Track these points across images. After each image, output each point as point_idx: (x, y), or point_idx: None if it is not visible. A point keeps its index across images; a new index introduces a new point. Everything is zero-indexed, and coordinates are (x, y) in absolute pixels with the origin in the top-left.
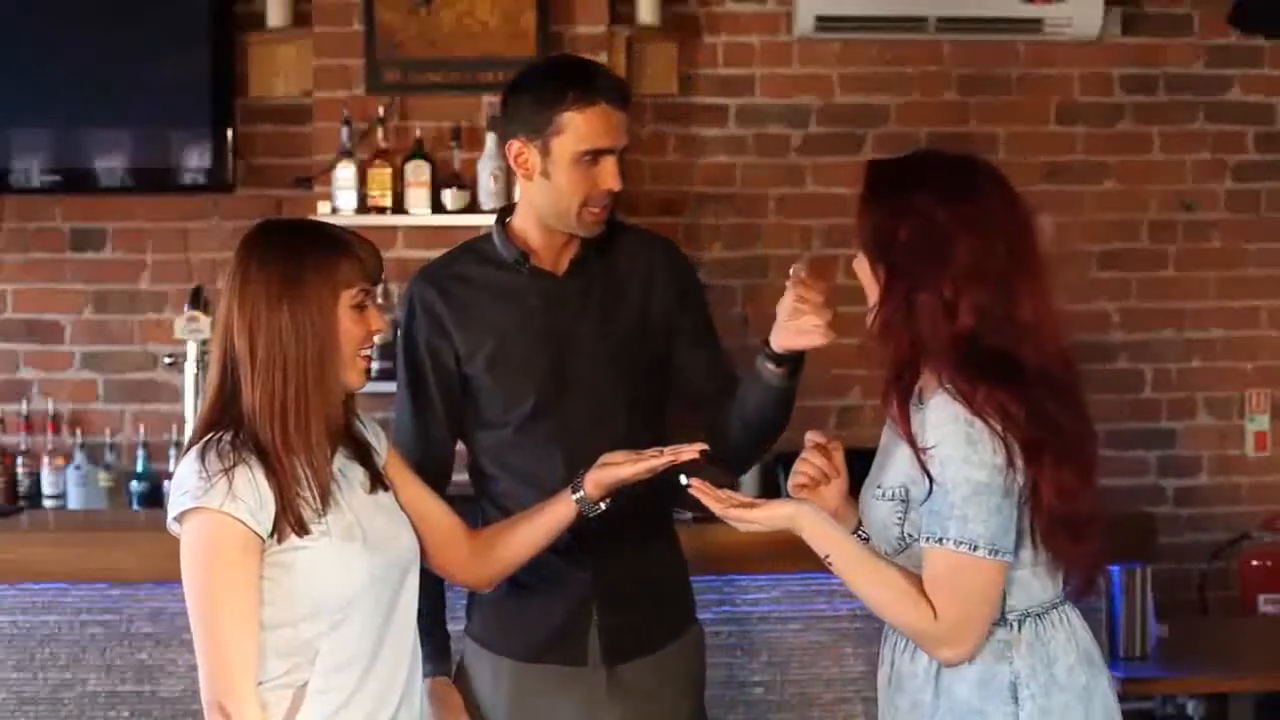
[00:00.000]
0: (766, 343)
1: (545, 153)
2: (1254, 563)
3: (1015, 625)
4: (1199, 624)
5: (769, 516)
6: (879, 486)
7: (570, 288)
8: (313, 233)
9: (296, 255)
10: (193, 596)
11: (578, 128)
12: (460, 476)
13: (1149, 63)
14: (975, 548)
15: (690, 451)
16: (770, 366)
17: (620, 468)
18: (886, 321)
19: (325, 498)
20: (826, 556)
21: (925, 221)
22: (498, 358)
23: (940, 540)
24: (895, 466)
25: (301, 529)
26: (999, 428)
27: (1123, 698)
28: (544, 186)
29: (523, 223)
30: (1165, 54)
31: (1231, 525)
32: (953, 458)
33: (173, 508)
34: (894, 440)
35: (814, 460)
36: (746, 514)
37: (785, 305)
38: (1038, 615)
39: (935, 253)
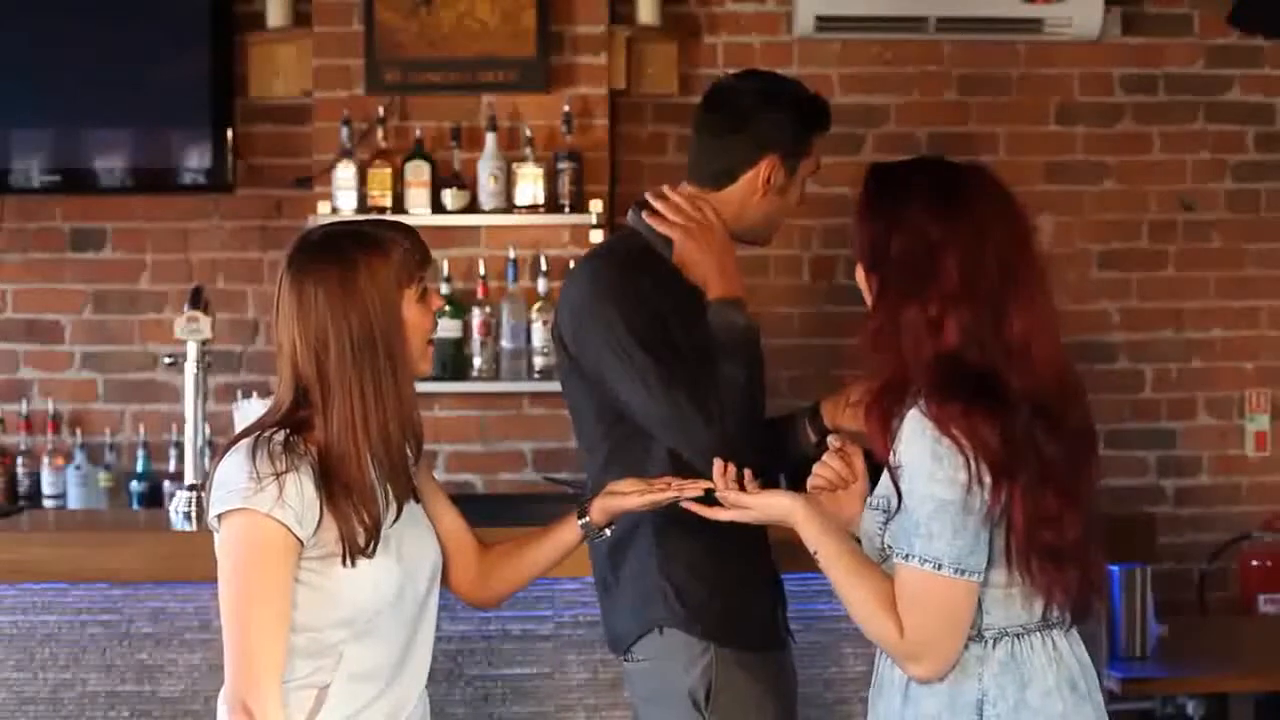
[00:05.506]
0: (816, 412)
1: (791, 171)
2: (1254, 563)
3: (990, 643)
4: (1199, 624)
5: (765, 505)
6: (872, 494)
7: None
8: (358, 239)
9: (351, 267)
10: (228, 595)
11: (817, 152)
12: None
13: (1149, 63)
14: (940, 566)
15: (695, 488)
16: (814, 437)
17: (627, 498)
18: (875, 334)
19: (402, 506)
20: (815, 552)
21: (916, 236)
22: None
23: (907, 557)
24: (884, 477)
25: (371, 549)
26: (967, 445)
27: (1123, 698)
28: (774, 202)
29: None
30: (1165, 54)
31: (1231, 525)
32: (919, 474)
33: (217, 504)
34: None
35: (833, 464)
36: (744, 499)
37: (857, 391)
38: (1016, 635)
39: (924, 268)
